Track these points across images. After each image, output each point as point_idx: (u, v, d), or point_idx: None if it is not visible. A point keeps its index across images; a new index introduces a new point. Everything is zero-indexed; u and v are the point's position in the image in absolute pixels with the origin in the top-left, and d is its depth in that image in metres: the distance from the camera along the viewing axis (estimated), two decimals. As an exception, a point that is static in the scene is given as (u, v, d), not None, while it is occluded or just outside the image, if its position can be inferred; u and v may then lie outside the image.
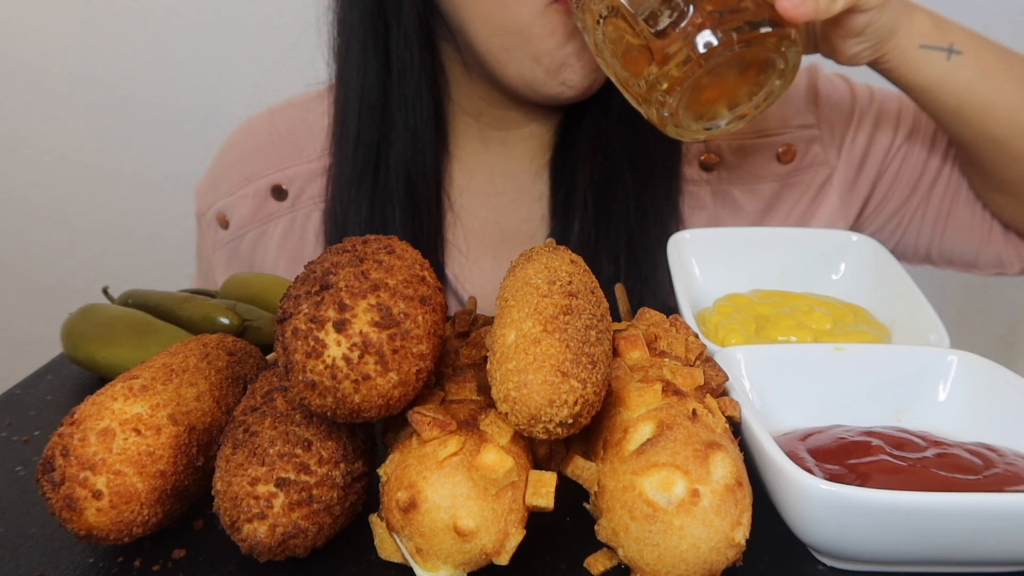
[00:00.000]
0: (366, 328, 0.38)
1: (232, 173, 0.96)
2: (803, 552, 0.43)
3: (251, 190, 0.94)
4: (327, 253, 0.42)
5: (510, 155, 0.91)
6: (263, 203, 0.93)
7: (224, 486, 0.40)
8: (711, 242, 0.66)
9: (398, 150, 0.85)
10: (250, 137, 0.97)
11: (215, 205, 0.96)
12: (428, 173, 0.86)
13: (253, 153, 0.95)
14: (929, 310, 0.57)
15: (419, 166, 0.85)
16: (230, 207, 0.95)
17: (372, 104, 0.84)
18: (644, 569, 0.38)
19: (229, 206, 0.95)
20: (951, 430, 0.49)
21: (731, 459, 0.38)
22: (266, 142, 0.95)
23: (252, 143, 0.96)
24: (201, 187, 0.99)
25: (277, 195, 0.93)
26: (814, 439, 0.46)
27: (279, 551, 0.39)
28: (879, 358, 0.52)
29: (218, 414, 0.46)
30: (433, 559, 0.39)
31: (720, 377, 0.47)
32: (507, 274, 0.46)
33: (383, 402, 0.38)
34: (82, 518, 0.39)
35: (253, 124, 0.98)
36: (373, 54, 0.83)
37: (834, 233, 0.67)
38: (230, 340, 0.51)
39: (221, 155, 0.99)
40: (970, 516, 0.38)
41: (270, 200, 0.93)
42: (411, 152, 0.85)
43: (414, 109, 0.84)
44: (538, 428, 0.37)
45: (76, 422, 0.40)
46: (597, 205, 0.84)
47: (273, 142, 0.95)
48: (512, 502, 0.39)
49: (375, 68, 0.83)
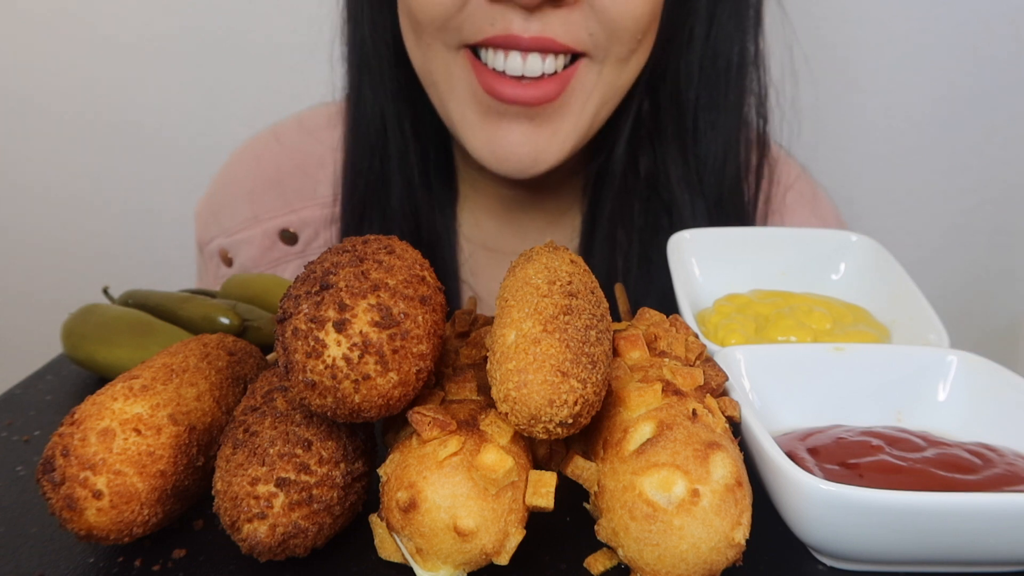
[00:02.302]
0: (366, 328, 0.38)
1: (236, 209, 0.92)
2: (803, 552, 0.43)
3: (258, 232, 0.90)
4: (327, 253, 0.42)
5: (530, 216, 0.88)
6: (271, 246, 0.90)
7: (224, 486, 0.40)
8: (711, 242, 0.66)
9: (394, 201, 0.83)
10: (256, 169, 0.93)
11: (216, 240, 0.92)
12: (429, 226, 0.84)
13: (259, 190, 0.91)
14: (929, 310, 0.57)
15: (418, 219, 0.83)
16: (235, 247, 0.91)
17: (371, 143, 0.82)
18: (644, 569, 0.38)
19: (233, 245, 0.91)
20: (951, 430, 0.49)
21: (731, 459, 0.38)
22: (274, 178, 0.91)
23: (259, 178, 0.92)
24: (202, 212, 0.95)
25: (286, 239, 0.89)
26: (814, 439, 0.46)
27: (279, 551, 0.39)
28: (879, 358, 0.52)
29: (218, 414, 0.46)
30: (433, 559, 0.39)
31: (720, 377, 0.47)
32: (507, 274, 0.46)
33: (383, 402, 0.38)
34: (82, 518, 0.39)
35: (258, 151, 0.94)
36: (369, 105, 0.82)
37: (834, 233, 0.67)
38: (230, 340, 0.51)
39: (224, 182, 0.95)
40: (970, 516, 0.38)
41: (279, 244, 0.89)
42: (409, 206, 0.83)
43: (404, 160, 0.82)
44: (538, 428, 0.37)
45: (76, 422, 0.40)
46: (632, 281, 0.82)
47: (281, 179, 0.91)
48: (512, 502, 0.39)
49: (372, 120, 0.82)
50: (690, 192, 0.79)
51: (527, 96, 0.69)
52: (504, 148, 0.71)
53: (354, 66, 0.83)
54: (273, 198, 0.91)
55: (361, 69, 0.82)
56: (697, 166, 0.80)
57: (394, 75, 0.80)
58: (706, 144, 0.80)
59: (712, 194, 0.80)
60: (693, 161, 0.79)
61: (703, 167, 0.80)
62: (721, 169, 0.80)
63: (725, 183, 0.81)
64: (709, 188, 0.80)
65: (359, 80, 0.82)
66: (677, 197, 0.79)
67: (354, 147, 0.84)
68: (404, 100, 0.81)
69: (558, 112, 0.72)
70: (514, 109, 0.70)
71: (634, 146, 0.80)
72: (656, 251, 0.80)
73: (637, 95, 0.78)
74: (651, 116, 0.80)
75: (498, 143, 0.71)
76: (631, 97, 0.78)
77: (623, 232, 0.82)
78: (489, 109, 0.71)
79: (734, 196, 0.82)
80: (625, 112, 0.79)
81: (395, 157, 0.82)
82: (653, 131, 0.80)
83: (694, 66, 0.78)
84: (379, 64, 0.80)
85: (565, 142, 0.73)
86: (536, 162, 0.72)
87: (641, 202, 0.81)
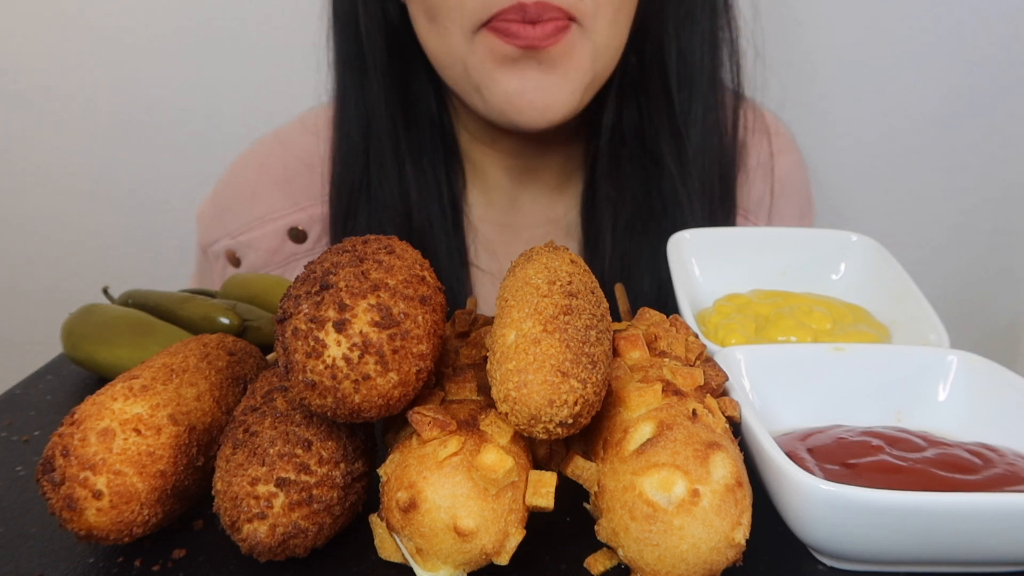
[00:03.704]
0: (366, 328, 0.38)
1: (242, 210, 0.92)
2: (803, 552, 0.43)
3: (267, 231, 0.90)
4: (327, 253, 0.42)
5: (536, 185, 0.91)
6: (280, 245, 0.90)
7: (224, 486, 0.40)
8: (711, 242, 0.66)
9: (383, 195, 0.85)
10: (262, 171, 0.93)
11: (221, 241, 0.92)
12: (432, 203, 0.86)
13: (265, 190, 0.92)
14: (929, 310, 0.57)
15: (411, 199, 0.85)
16: (242, 248, 0.91)
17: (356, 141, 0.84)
18: (644, 569, 0.38)
19: (241, 246, 0.91)
20: (951, 430, 0.49)
21: (731, 459, 0.38)
22: (280, 178, 0.92)
23: (265, 179, 0.93)
24: (204, 215, 0.95)
25: (295, 237, 0.90)
26: (814, 439, 0.46)
27: (279, 551, 0.39)
28: (879, 358, 0.52)
29: (218, 414, 0.46)
30: (433, 559, 0.39)
31: (720, 377, 0.47)
32: (507, 274, 0.46)
33: (383, 402, 0.38)
34: (82, 518, 0.39)
35: (262, 156, 0.95)
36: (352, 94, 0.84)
37: (834, 233, 0.67)
38: (230, 340, 0.51)
39: (228, 185, 0.95)
40: (970, 516, 0.38)
41: (288, 243, 0.90)
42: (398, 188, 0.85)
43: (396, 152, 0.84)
44: (538, 428, 0.37)
45: (76, 422, 0.40)
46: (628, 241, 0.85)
47: (288, 179, 0.92)
48: (512, 502, 0.39)
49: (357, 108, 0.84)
50: (673, 141, 0.84)
51: (538, 32, 0.72)
52: (521, 97, 0.75)
53: (342, 61, 0.85)
54: (280, 198, 0.91)
55: (350, 64, 0.84)
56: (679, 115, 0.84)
57: (387, 63, 0.83)
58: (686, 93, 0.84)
59: (694, 141, 0.85)
60: (676, 111, 0.84)
61: (686, 117, 0.85)
62: (702, 117, 0.85)
63: (706, 129, 0.86)
64: (691, 136, 0.85)
65: (346, 76, 0.85)
66: (662, 148, 0.84)
67: (340, 145, 0.86)
68: (395, 89, 0.83)
69: (563, 60, 0.75)
70: (526, 55, 0.74)
71: (621, 102, 0.85)
72: (647, 205, 0.84)
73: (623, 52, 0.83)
74: (636, 71, 0.85)
75: (516, 93, 0.75)
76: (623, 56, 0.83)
77: (613, 184, 0.86)
78: (505, 59, 0.74)
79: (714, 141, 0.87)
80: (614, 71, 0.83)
81: (387, 152, 0.84)
82: (637, 82, 0.85)
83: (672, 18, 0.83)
84: (372, 56, 0.82)
85: (574, 92, 0.76)
86: (549, 108, 0.76)
87: (631, 155, 0.86)
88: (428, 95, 0.86)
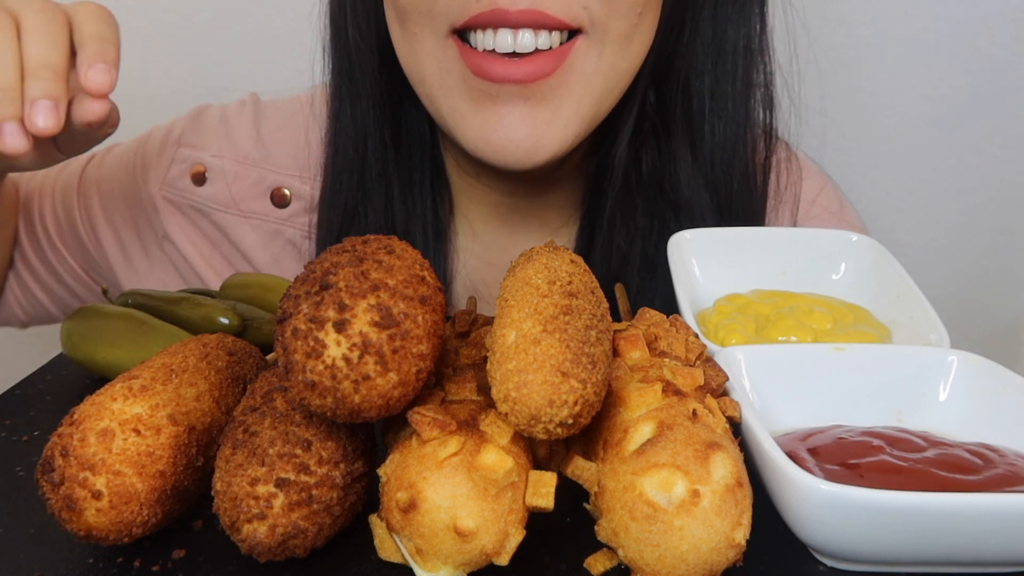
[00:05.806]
0: (366, 328, 0.37)
1: (244, 139, 0.85)
2: (803, 552, 0.43)
3: (253, 176, 0.84)
4: (327, 253, 0.42)
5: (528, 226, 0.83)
6: (256, 197, 0.84)
7: (224, 486, 0.39)
8: (711, 242, 0.66)
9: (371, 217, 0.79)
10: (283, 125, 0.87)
11: (201, 150, 0.84)
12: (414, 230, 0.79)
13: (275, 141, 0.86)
14: (929, 310, 0.57)
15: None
16: (217, 171, 0.83)
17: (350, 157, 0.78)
18: (644, 569, 0.37)
19: (217, 169, 0.83)
20: (951, 430, 0.49)
21: (731, 459, 0.38)
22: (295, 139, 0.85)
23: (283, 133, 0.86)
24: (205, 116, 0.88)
25: (276, 200, 0.84)
26: (814, 439, 0.46)
27: (279, 551, 0.39)
28: (879, 358, 0.52)
29: (218, 414, 0.45)
30: (433, 559, 0.39)
31: (720, 377, 0.47)
32: (507, 274, 0.46)
33: (383, 402, 0.38)
34: (82, 518, 0.39)
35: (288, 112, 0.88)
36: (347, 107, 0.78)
37: (834, 233, 0.67)
38: (230, 340, 0.51)
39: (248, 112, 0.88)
40: (970, 516, 0.38)
41: (265, 200, 0.85)
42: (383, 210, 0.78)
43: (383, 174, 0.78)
44: (538, 428, 0.37)
45: (76, 422, 0.40)
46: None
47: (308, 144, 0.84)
48: (512, 502, 0.39)
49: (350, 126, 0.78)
50: (699, 189, 0.76)
51: (519, 72, 0.64)
52: (500, 134, 0.65)
53: (337, 74, 0.79)
54: (283, 155, 0.85)
55: (344, 75, 0.78)
56: (706, 161, 0.76)
57: (377, 80, 0.76)
58: (716, 136, 0.76)
59: (722, 189, 0.77)
60: (703, 155, 0.76)
61: (713, 162, 0.76)
62: (730, 162, 0.76)
63: (734, 177, 0.77)
64: (719, 183, 0.76)
65: (340, 87, 0.79)
66: (685, 194, 0.75)
67: (334, 163, 0.80)
68: (386, 107, 0.77)
69: (556, 92, 0.66)
70: (508, 89, 0.64)
71: (638, 142, 0.76)
72: (660, 254, 0.75)
73: (641, 87, 0.74)
74: (656, 110, 0.76)
75: (493, 129, 0.65)
76: (634, 90, 0.74)
77: (624, 234, 0.77)
78: (481, 94, 0.65)
79: (743, 191, 0.78)
80: (628, 106, 0.75)
81: (374, 171, 0.78)
82: (659, 125, 0.76)
83: (702, 51, 0.74)
84: (362, 69, 0.76)
85: (567, 127, 0.67)
86: (536, 148, 0.65)
87: (646, 202, 0.77)
88: (420, 114, 0.78)
